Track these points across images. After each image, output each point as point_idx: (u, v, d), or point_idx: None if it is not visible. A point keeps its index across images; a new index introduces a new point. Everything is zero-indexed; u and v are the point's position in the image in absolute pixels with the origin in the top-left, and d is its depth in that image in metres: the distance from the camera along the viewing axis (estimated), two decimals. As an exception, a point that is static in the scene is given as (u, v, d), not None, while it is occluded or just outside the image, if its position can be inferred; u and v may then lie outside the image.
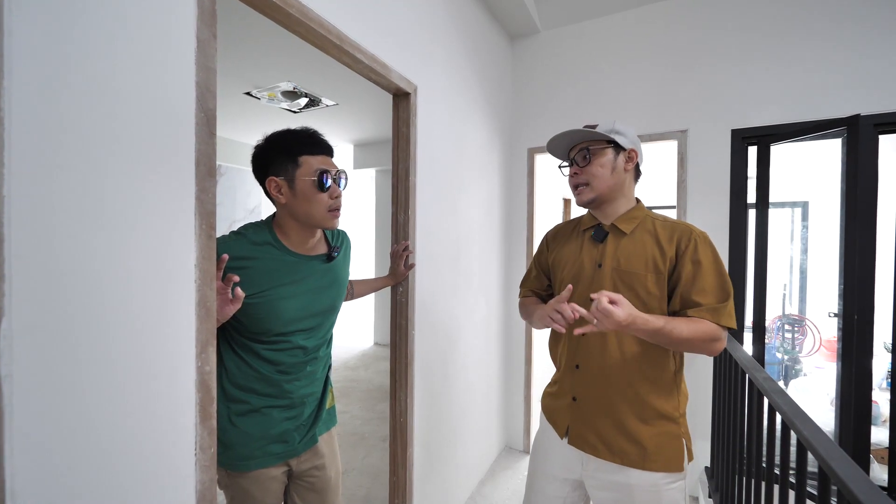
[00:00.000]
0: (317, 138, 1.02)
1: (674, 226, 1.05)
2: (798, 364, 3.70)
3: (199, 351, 0.81)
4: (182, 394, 0.79)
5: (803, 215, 4.67)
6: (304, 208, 0.98)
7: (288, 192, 0.98)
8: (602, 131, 1.05)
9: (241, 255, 0.94)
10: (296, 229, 1.02)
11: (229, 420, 1.00)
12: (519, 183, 2.62)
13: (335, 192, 1.01)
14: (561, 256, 1.20)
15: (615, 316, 0.88)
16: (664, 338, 0.95)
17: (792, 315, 3.98)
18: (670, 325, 0.94)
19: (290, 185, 0.98)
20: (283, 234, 1.02)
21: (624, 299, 0.91)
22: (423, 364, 1.72)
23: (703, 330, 0.96)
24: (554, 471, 1.15)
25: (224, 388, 1.01)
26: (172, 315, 0.77)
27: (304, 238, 1.04)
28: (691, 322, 0.97)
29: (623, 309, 0.89)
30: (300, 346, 1.04)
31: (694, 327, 0.96)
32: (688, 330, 0.95)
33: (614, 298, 0.90)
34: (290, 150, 0.98)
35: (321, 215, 1.00)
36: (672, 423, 1.04)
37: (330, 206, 1.00)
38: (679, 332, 0.94)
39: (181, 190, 0.78)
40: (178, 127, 0.77)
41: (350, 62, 1.27)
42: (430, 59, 1.70)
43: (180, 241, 0.78)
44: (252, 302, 0.94)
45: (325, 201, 0.99)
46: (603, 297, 0.89)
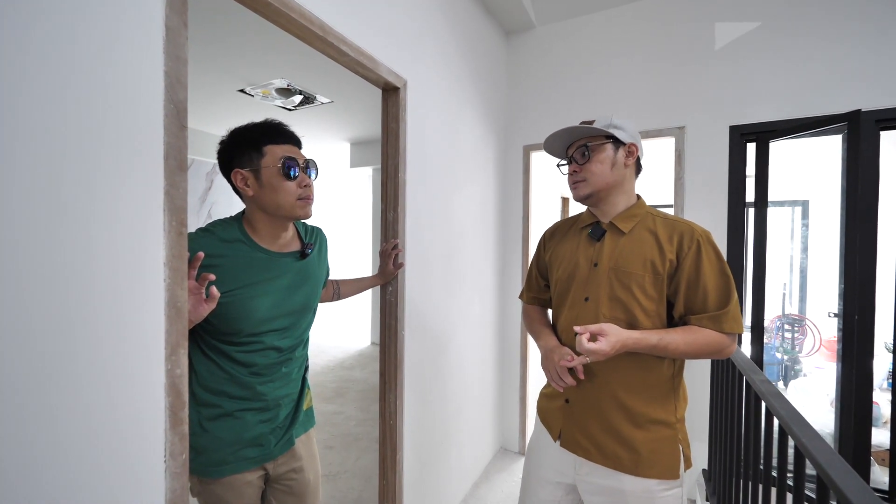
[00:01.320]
0: (281, 128, 0.99)
1: (675, 224, 1.01)
2: (798, 364, 3.66)
3: (168, 353, 0.77)
4: (151, 398, 0.76)
5: (803, 214, 4.63)
6: (271, 198, 0.95)
7: (254, 183, 0.95)
8: (600, 127, 1.02)
9: (210, 253, 0.90)
10: (266, 224, 0.99)
11: (200, 425, 0.97)
12: (514, 181, 2.58)
13: (303, 180, 0.98)
14: (557, 255, 1.16)
15: (600, 352, 0.89)
16: (662, 352, 0.94)
17: (792, 315, 3.94)
18: (665, 341, 0.93)
19: (256, 175, 0.94)
20: (253, 231, 0.99)
21: (609, 327, 0.91)
22: (414, 364, 1.68)
23: (705, 340, 0.94)
24: (547, 474, 1.12)
25: (194, 393, 0.97)
26: (140, 316, 0.74)
27: (274, 233, 1.01)
28: (689, 332, 0.94)
29: (608, 340, 0.90)
30: (274, 346, 1.01)
31: (692, 338, 0.93)
32: (685, 342, 0.93)
33: (595, 331, 0.90)
34: (254, 140, 0.95)
35: (290, 204, 0.96)
36: (668, 429, 1.00)
37: (299, 195, 0.97)
38: (676, 346, 0.93)
39: (149, 185, 0.75)
40: (145, 119, 0.74)
41: (335, 55, 1.23)
42: (420, 54, 1.67)
43: (148, 238, 0.75)
44: (222, 301, 0.90)
45: (292, 190, 0.95)
46: (583, 338, 0.90)
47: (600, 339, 0.90)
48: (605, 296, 1.02)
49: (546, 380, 1.21)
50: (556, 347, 1.06)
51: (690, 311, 0.98)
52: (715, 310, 0.95)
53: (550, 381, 1.06)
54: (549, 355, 1.06)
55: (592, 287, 1.04)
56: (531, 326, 1.23)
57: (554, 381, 1.04)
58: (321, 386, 3.74)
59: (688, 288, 0.97)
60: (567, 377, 1.00)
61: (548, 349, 1.08)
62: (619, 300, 1.01)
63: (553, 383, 1.05)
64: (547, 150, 1.13)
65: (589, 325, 0.91)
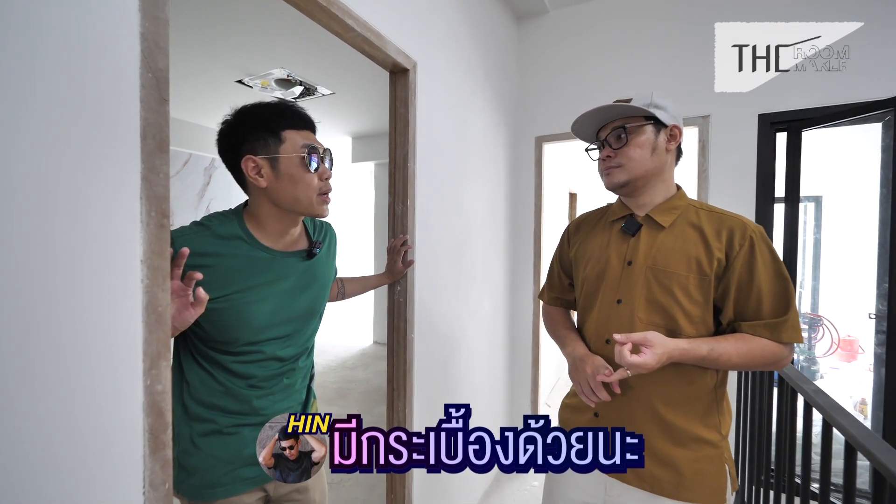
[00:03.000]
0: (300, 112, 0.87)
1: (723, 218, 0.89)
2: (815, 365, 3.55)
3: (147, 366, 0.66)
4: (127, 420, 0.64)
5: (816, 210, 4.51)
6: (289, 192, 0.83)
7: (270, 173, 0.83)
8: (639, 105, 0.90)
9: (203, 251, 0.79)
10: (275, 220, 0.87)
11: (192, 442, 0.86)
12: (526, 174, 2.46)
13: (325, 173, 0.87)
14: (584, 251, 1.04)
15: (645, 367, 0.77)
16: (711, 364, 0.83)
17: (808, 314, 3.82)
18: (717, 352, 0.81)
19: (273, 164, 0.82)
20: (256, 226, 0.87)
21: (655, 337, 0.79)
22: (423, 369, 1.57)
23: (760, 351, 0.83)
24: (573, 494, 1.00)
25: (186, 406, 0.86)
26: (113, 323, 0.62)
27: (282, 230, 0.89)
28: (742, 342, 0.83)
29: (654, 352, 0.78)
30: (275, 356, 0.90)
31: (746, 348, 0.82)
32: (738, 353, 0.82)
33: (639, 341, 0.78)
34: (270, 124, 0.83)
35: (310, 200, 0.85)
36: (712, 447, 0.89)
37: (320, 190, 0.86)
38: (728, 358, 0.82)
39: (122, 168, 0.63)
40: (117, 90, 0.62)
41: (339, 30, 1.11)
42: (430, 34, 1.54)
43: (123, 231, 0.63)
44: (216, 307, 0.80)
45: (314, 183, 0.84)
46: (624, 350, 0.77)
47: (644, 350, 0.78)
48: (641, 298, 0.90)
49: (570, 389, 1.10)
50: (588, 357, 0.94)
51: (742, 317, 0.86)
52: (771, 317, 0.83)
53: (581, 395, 0.94)
54: (580, 365, 0.94)
55: (626, 288, 0.92)
56: (554, 331, 1.12)
57: (586, 394, 0.92)
58: (323, 387, 3.63)
59: (738, 291, 0.85)
60: (602, 392, 0.88)
61: (577, 358, 0.96)
62: (657, 303, 0.89)
63: (584, 397, 0.93)
64: (575, 132, 1.01)
65: (631, 335, 0.79)
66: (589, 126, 0.98)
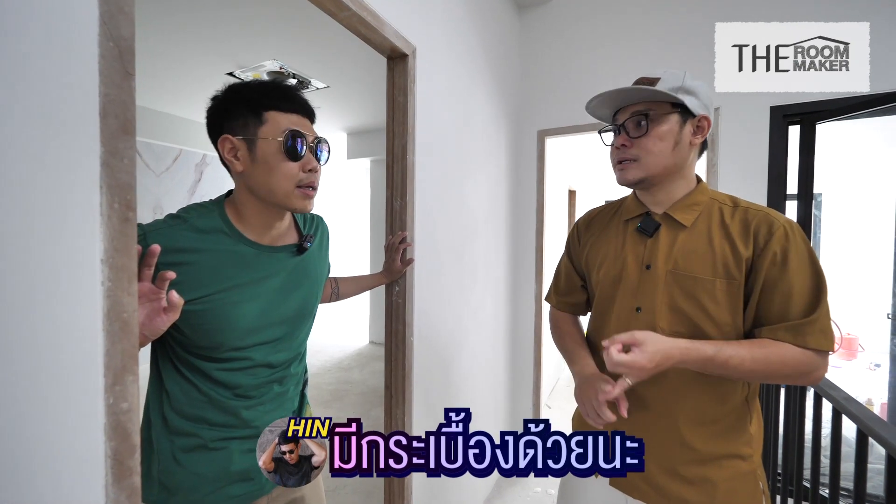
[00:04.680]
0: (290, 92, 0.78)
1: (749, 213, 0.80)
2: (817, 364, 3.51)
3: (110, 382, 0.57)
4: (85, 445, 0.55)
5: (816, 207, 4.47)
6: (263, 180, 0.75)
7: (246, 156, 0.75)
8: (666, 89, 0.78)
9: (180, 247, 0.71)
10: (256, 211, 0.79)
11: (174, 458, 0.77)
12: (528, 168, 2.38)
13: (309, 163, 0.77)
14: (597, 252, 0.95)
15: (635, 366, 0.68)
16: (720, 370, 0.72)
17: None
18: (725, 353, 0.71)
19: (250, 146, 0.74)
20: (238, 219, 0.79)
21: (645, 335, 0.70)
22: (423, 374, 1.49)
23: (780, 358, 0.72)
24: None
25: (166, 418, 0.77)
26: (68, 333, 0.53)
27: (267, 223, 0.81)
28: (759, 346, 0.73)
29: (644, 351, 0.68)
30: (264, 363, 0.82)
31: (762, 354, 0.72)
32: (752, 359, 0.71)
33: (627, 341, 0.69)
34: (254, 102, 0.75)
35: (285, 191, 0.76)
36: (745, 462, 0.81)
37: (300, 181, 0.76)
38: (739, 362, 0.71)
39: (77, 152, 0.54)
40: (69, 61, 0.53)
41: (333, 8, 1.02)
42: (430, 18, 1.45)
43: (79, 226, 0.54)
44: (196, 309, 0.72)
45: (292, 173, 0.75)
46: (612, 350, 0.69)
47: (634, 349, 0.69)
48: (662, 306, 0.82)
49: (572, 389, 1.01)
50: (595, 377, 0.83)
51: (765, 320, 0.76)
52: (796, 318, 0.73)
53: (586, 418, 0.84)
54: (586, 387, 0.84)
55: (645, 295, 0.84)
56: (562, 343, 1.01)
57: (591, 417, 0.82)
58: (318, 388, 3.54)
59: (764, 292, 0.76)
60: (606, 412, 0.77)
61: (584, 378, 0.86)
62: (681, 312, 0.80)
63: (589, 419, 0.83)
64: (590, 111, 0.90)
65: (617, 335, 0.71)
66: (606, 106, 0.87)
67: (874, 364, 3.93)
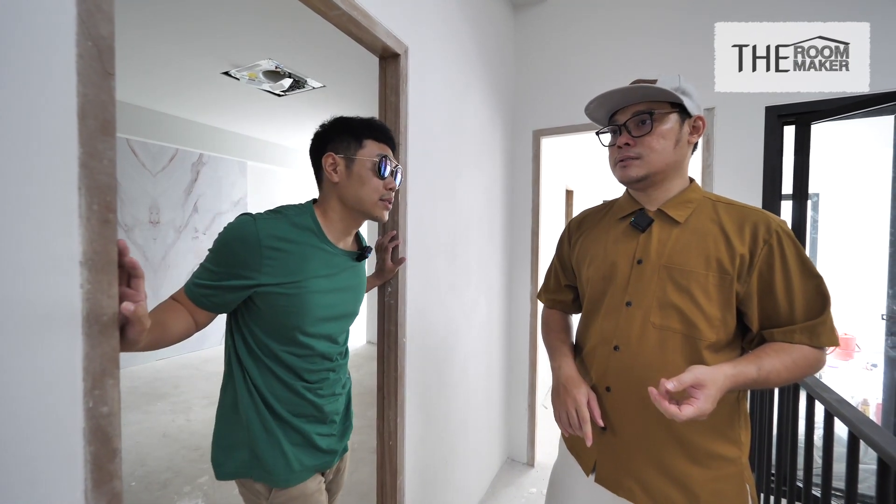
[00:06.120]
0: (385, 129, 0.98)
1: (743, 212, 0.81)
2: (814, 364, 3.52)
3: (90, 386, 0.56)
4: (63, 449, 0.55)
5: (813, 208, 4.47)
6: (355, 191, 0.92)
7: (344, 171, 0.92)
8: (668, 89, 0.80)
9: (282, 236, 0.85)
10: (340, 217, 0.95)
11: (263, 428, 0.89)
12: (523, 169, 2.37)
13: (390, 182, 0.96)
14: (587, 250, 0.96)
15: (704, 416, 0.66)
16: (762, 385, 0.74)
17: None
18: (765, 370, 0.72)
19: (348, 164, 0.92)
20: (325, 222, 0.95)
21: (705, 374, 0.67)
22: (416, 376, 1.48)
23: (804, 360, 0.74)
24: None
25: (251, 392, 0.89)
26: (46, 337, 0.53)
27: (345, 229, 0.97)
28: (785, 353, 0.75)
29: (707, 394, 0.66)
30: (323, 353, 0.95)
31: (791, 360, 0.74)
32: (785, 368, 0.73)
33: (691, 383, 0.66)
34: (356, 130, 0.94)
35: (371, 201, 0.94)
36: (732, 465, 0.81)
37: (382, 195, 0.95)
38: (777, 375, 0.73)
39: (55, 153, 0.53)
40: (46, 61, 0.52)
41: (322, 7, 1.01)
42: (423, 17, 1.45)
43: (57, 228, 0.54)
44: (285, 292, 0.85)
45: (378, 188, 0.93)
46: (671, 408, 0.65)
47: (695, 395, 0.66)
48: (654, 300, 0.82)
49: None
50: (576, 382, 0.86)
51: (774, 322, 0.77)
52: (806, 319, 0.75)
53: (559, 424, 0.85)
54: (563, 392, 0.86)
55: (636, 289, 0.84)
56: (547, 339, 1.03)
57: (564, 426, 0.85)
58: (314, 389, 3.53)
59: (764, 293, 0.77)
60: (587, 427, 0.81)
61: (562, 379, 0.88)
62: (673, 307, 0.80)
63: (564, 428, 0.85)
64: (589, 113, 0.91)
65: (683, 377, 0.66)
66: (603, 107, 0.88)
67: (871, 364, 3.94)
